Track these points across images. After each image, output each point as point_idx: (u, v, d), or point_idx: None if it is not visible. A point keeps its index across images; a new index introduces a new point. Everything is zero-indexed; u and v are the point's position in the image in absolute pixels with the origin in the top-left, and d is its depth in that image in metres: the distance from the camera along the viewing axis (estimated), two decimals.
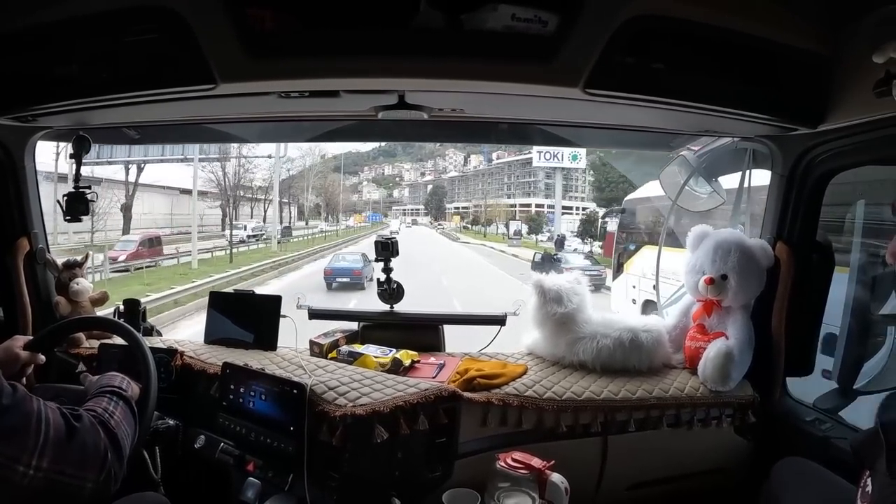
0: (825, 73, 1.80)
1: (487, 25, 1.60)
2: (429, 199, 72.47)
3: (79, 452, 1.26)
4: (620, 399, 2.22)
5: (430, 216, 70.78)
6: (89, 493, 1.27)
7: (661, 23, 1.62)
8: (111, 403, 1.48)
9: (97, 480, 1.28)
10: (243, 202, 42.22)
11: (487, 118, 2.46)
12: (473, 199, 65.42)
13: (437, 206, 70.81)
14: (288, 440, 2.00)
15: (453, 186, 70.71)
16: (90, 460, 1.28)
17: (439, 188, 71.63)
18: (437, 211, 70.29)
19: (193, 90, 1.72)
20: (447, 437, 2.12)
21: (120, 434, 1.39)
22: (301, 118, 2.45)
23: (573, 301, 2.46)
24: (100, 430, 1.33)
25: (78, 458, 1.26)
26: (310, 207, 57.72)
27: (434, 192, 72.09)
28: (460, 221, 64.11)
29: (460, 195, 69.11)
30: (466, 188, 68.36)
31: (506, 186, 59.83)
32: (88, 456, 1.28)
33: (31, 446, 1.18)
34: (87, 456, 1.27)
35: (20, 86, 1.81)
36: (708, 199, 2.70)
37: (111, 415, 1.43)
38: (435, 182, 72.87)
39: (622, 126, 2.44)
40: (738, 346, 2.27)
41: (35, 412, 1.22)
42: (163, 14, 1.57)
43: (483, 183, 64.47)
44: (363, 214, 66.51)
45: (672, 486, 2.35)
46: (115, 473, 1.32)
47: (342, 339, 2.60)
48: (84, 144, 2.40)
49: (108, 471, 1.30)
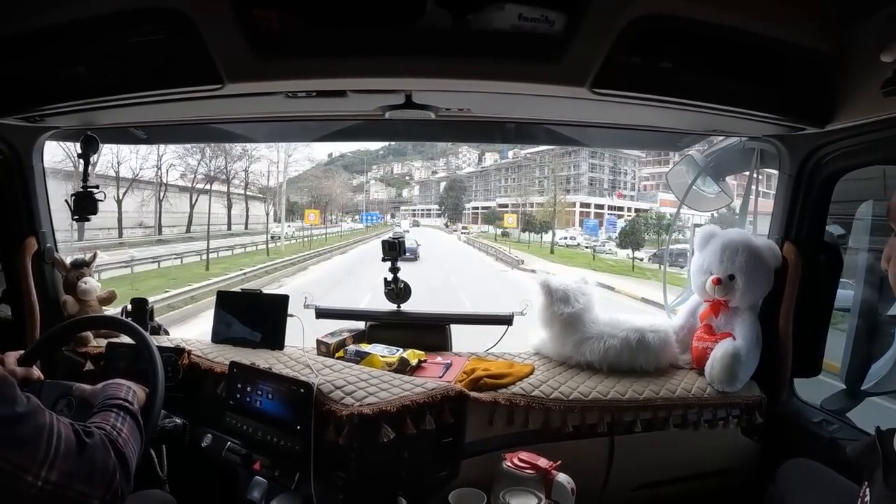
0: (833, 73, 1.79)
1: (494, 25, 1.60)
2: (444, 198, 64.28)
3: (88, 468, 1.26)
4: (627, 399, 2.21)
5: (445, 217, 62.28)
6: None
7: (669, 22, 1.62)
8: (118, 419, 1.48)
9: (103, 499, 1.27)
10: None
11: (494, 118, 2.45)
12: (503, 196, 54.60)
13: (455, 205, 62.19)
14: (295, 439, 2.01)
15: (471, 182, 62.63)
16: (99, 477, 1.27)
17: (457, 183, 63.59)
18: (454, 211, 61.67)
19: (200, 90, 1.72)
20: (454, 437, 2.12)
21: (127, 452, 1.38)
22: (308, 118, 2.45)
23: (580, 301, 2.46)
24: (109, 448, 1.33)
25: (87, 473, 1.25)
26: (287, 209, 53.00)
27: (451, 187, 63.83)
28: (501, 224, 46.62)
29: (479, 193, 60.53)
30: (486, 185, 59.88)
31: (536, 182, 50.52)
32: (97, 473, 1.27)
33: (41, 457, 1.17)
34: (95, 473, 1.27)
35: (28, 86, 1.82)
36: (716, 199, 2.70)
37: (119, 432, 1.42)
38: (450, 177, 65.04)
39: (629, 126, 2.44)
40: (745, 347, 2.26)
41: (47, 425, 1.21)
42: (170, 15, 1.57)
43: (507, 179, 56.00)
44: (349, 215, 59.50)
45: (678, 487, 2.34)
46: (122, 493, 1.32)
47: (349, 339, 2.61)
48: (92, 144, 2.42)
49: (116, 490, 1.30)
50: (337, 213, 58.58)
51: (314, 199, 53.94)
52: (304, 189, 54.72)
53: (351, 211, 62.16)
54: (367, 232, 49.51)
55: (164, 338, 2.65)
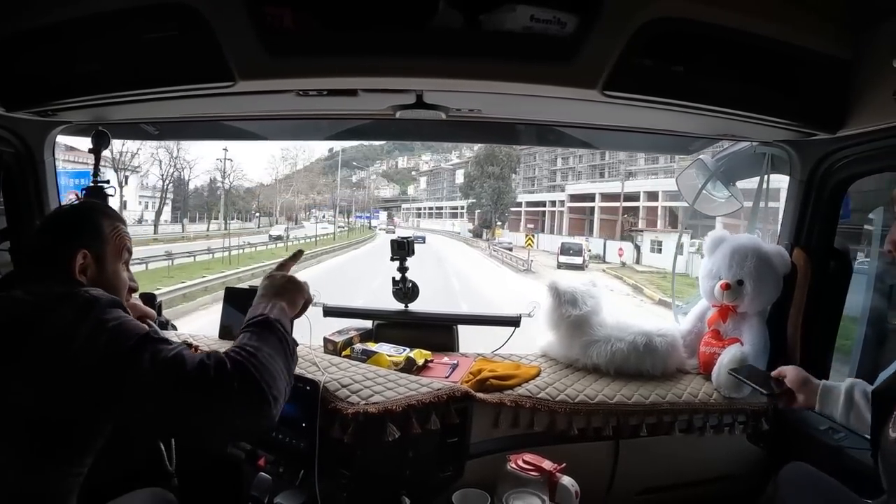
0: (845, 78, 1.79)
1: (506, 26, 1.61)
2: (471, 180, 46.59)
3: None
4: (633, 403, 2.21)
5: (474, 221, 44.28)
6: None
7: (681, 25, 1.62)
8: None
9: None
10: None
11: (505, 119, 2.45)
12: (573, 181, 41.44)
13: (497, 198, 43.47)
14: (300, 436, 2.01)
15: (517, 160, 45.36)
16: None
17: (497, 157, 43.80)
18: (494, 207, 43.57)
19: (212, 87, 1.73)
20: (459, 437, 2.12)
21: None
22: (319, 116, 2.46)
23: (588, 304, 2.45)
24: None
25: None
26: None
27: (489, 159, 44.51)
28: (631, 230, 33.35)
29: (519, 183, 45.49)
30: (529, 171, 46.85)
31: (567, 174, 40.04)
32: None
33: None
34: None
35: (41, 81, 1.84)
36: (725, 204, 2.69)
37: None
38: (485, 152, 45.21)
39: (641, 129, 2.43)
40: (752, 353, 2.26)
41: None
42: (183, 12, 1.59)
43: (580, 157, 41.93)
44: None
45: (683, 492, 2.33)
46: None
47: (356, 337, 2.61)
48: (103, 139, 2.43)
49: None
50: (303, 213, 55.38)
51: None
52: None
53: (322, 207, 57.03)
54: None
55: (172, 333, 2.66)
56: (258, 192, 54.35)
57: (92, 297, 1.29)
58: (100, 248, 1.49)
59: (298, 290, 1.61)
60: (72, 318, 1.23)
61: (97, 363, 1.19)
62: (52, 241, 1.46)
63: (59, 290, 1.30)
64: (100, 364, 1.19)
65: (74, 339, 1.20)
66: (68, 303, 1.26)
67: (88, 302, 1.27)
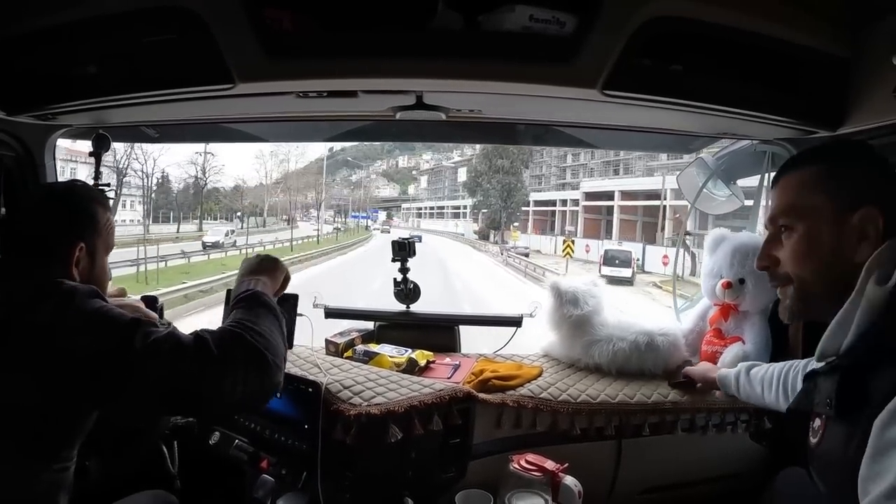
0: (844, 76, 1.78)
1: (505, 26, 1.60)
2: (476, 177, 44.32)
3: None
4: (635, 403, 2.20)
5: (478, 221, 42.19)
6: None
7: (680, 25, 1.62)
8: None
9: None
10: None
11: (505, 119, 2.45)
12: (589, 178, 38.30)
13: (508, 195, 40.82)
14: (302, 438, 2.01)
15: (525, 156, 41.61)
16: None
17: (507, 149, 39.38)
18: (503, 206, 40.64)
19: (212, 90, 1.73)
20: (461, 438, 2.12)
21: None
22: (319, 118, 2.46)
23: (589, 303, 2.45)
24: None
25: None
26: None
27: (499, 153, 41.33)
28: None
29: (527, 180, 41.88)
30: (536, 169, 43.93)
31: (577, 171, 37.07)
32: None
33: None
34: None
35: (40, 84, 1.84)
36: (726, 202, 2.68)
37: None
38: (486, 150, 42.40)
39: (641, 128, 2.43)
40: (754, 351, 2.25)
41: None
42: (181, 14, 1.59)
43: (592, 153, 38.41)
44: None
45: (686, 491, 2.33)
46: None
47: (358, 339, 2.61)
48: (103, 143, 2.43)
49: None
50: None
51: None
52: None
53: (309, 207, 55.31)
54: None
55: None
56: (243, 190, 53.99)
57: (70, 287, 1.30)
58: (94, 241, 1.48)
59: (275, 265, 1.72)
60: (53, 311, 1.23)
61: (90, 354, 1.20)
62: (48, 230, 1.43)
63: (37, 284, 1.29)
64: (93, 355, 1.21)
65: (60, 332, 1.20)
66: (47, 298, 1.26)
67: (69, 293, 1.28)
